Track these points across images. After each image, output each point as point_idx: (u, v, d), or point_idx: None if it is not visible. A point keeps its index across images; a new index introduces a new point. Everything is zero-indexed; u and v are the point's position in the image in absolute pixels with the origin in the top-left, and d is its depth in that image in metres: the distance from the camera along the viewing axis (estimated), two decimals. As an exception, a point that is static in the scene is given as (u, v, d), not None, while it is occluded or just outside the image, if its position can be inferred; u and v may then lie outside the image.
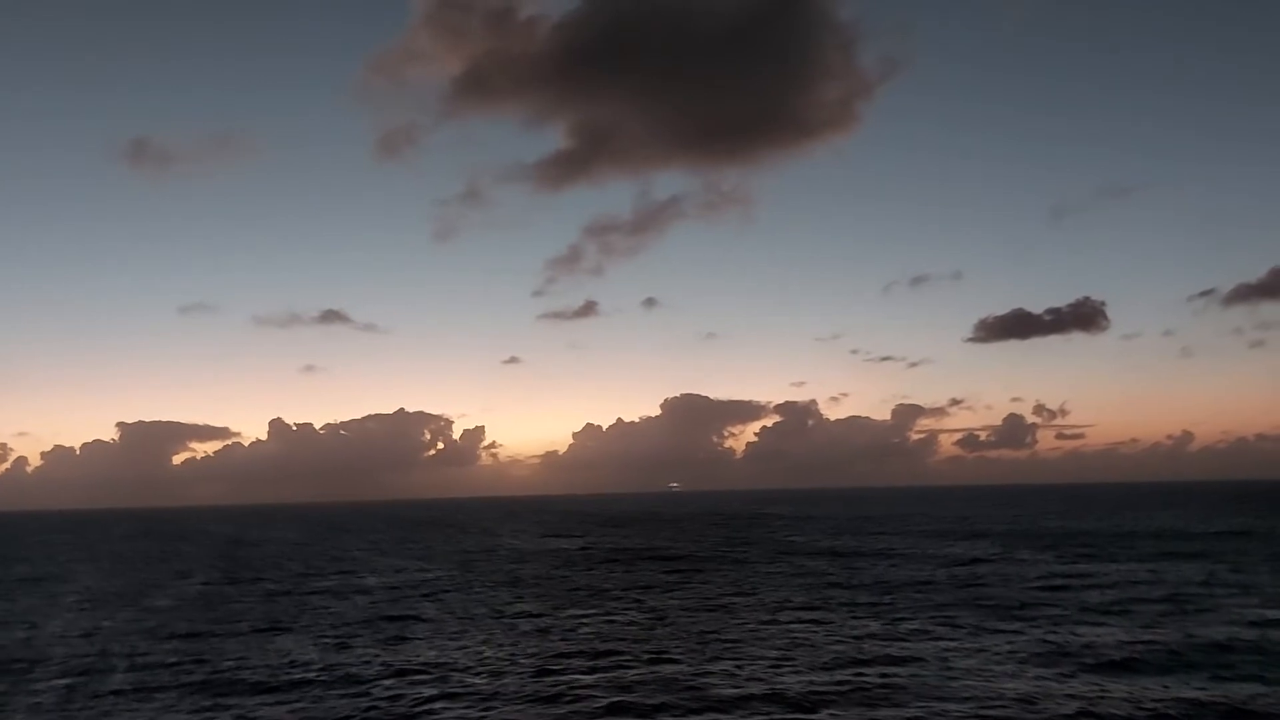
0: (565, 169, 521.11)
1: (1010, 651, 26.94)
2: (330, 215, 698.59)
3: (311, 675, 26.31)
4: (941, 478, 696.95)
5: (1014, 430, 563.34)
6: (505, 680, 25.02)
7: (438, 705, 22.85)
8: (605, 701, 22.63)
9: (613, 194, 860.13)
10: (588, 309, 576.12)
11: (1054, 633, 29.72)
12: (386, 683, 25.24)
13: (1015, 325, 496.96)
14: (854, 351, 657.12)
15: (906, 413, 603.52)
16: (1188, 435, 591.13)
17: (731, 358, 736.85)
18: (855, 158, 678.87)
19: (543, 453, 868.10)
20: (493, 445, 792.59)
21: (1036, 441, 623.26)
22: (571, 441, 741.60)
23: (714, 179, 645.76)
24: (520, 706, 22.45)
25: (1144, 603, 35.84)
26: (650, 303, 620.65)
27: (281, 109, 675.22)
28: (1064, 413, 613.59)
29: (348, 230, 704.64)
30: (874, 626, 31.64)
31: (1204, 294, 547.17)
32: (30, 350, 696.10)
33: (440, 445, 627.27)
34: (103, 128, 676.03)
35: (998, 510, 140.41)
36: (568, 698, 23.11)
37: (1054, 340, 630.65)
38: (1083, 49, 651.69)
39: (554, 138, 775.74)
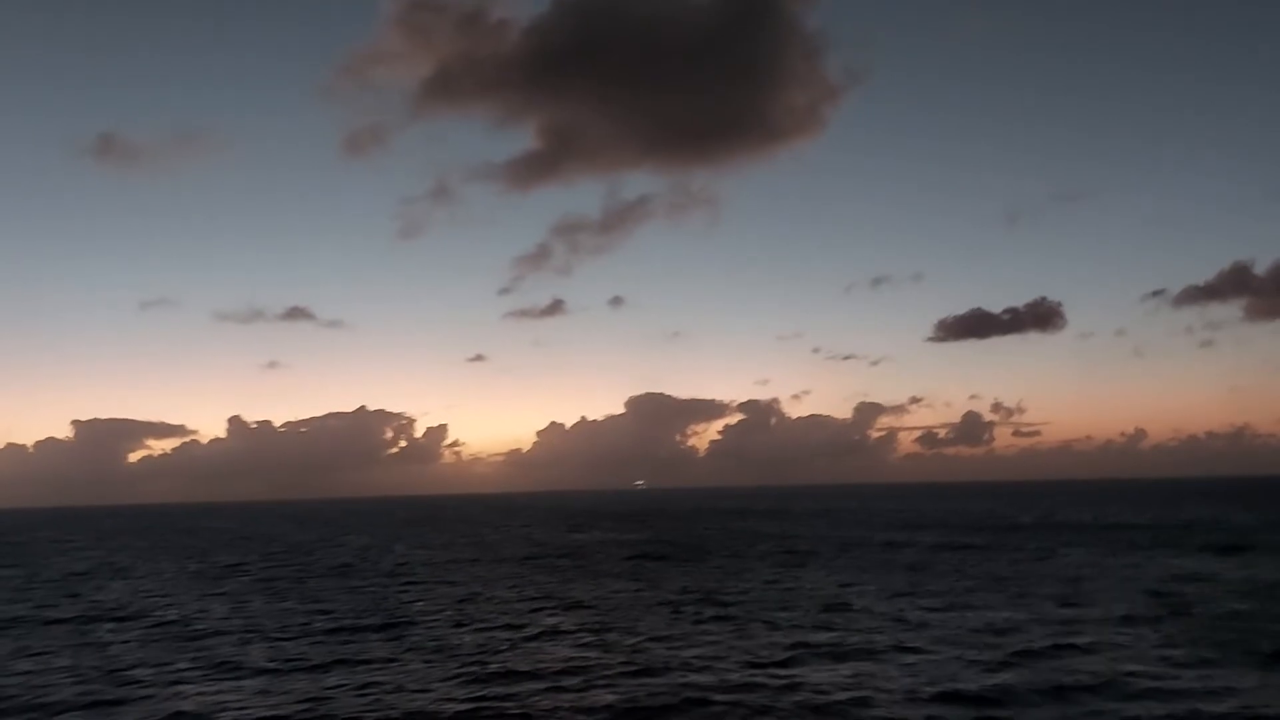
0: (534, 169, 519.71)
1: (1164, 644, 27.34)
2: (297, 213, 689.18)
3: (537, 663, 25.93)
4: (901, 474, 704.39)
5: (972, 428, 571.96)
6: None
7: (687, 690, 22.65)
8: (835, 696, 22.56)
9: (581, 194, 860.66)
10: (555, 307, 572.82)
11: (1200, 625, 30.20)
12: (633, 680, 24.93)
13: (974, 325, 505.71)
14: (816, 350, 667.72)
15: (867, 410, 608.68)
16: (1141, 433, 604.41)
17: (696, 356, 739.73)
18: (819, 162, 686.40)
19: (507, 451, 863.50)
20: (456, 443, 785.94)
21: (994, 439, 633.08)
22: (536, 439, 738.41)
23: (682, 180, 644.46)
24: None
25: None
26: (617, 301, 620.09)
27: (249, 106, 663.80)
28: (1021, 410, 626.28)
29: (314, 227, 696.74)
30: (1015, 615, 31.93)
31: (1155, 294, 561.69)
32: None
33: (403, 443, 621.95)
34: (68, 123, 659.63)
35: (1009, 507, 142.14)
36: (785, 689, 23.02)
37: (1012, 339, 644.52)
38: (1035, 61, 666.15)
39: (523, 138, 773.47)
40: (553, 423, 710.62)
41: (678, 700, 21.24)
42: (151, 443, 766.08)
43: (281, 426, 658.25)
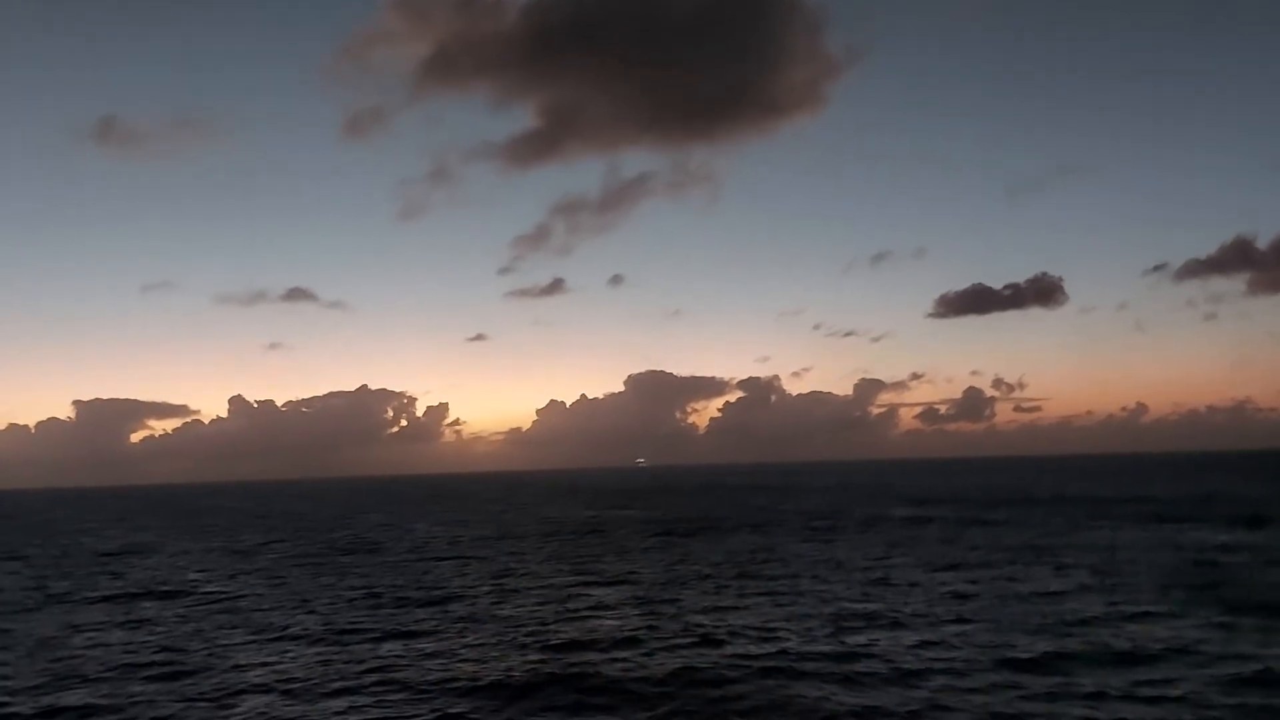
0: (534, 148, 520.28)
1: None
2: (297, 194, 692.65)
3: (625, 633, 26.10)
4: (902, 450, 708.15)
5: (973, 403, 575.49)
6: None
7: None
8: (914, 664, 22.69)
9: (581, 173, 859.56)
10: (555, 286, 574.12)
11: (1251, 592, 30.32)
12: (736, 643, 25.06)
13: (975, 300, 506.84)
14: (817, 327, 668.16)
15: (868, 387, 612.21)
16: (1142, 407, 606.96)
17: (696, 334, 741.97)
18: (820, 138, 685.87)
19: (507, 429, 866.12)
20: (456, 422, 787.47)
21: (994, 414, 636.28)
22: (536, 418, 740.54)
23: (681, 158, 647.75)
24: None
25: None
26: (617, 280, 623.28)
27: (250, 89, 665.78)
28: (1022, 386, 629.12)
29: (314, 209, 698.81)
30: (1054, 583, 32.07)
31: (1157, 268, 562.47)
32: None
33: (403, 422, 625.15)
34: (69, 106, 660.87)
35: (1018, 482, 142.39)
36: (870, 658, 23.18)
37: (1013, 315, 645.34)
38: (1037, 36, 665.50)
39: (523, 117, 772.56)
40: (553, 401, 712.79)
41: (740, 670, 21.32)
42: (153, 423, 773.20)
43: (283, 406, 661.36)
